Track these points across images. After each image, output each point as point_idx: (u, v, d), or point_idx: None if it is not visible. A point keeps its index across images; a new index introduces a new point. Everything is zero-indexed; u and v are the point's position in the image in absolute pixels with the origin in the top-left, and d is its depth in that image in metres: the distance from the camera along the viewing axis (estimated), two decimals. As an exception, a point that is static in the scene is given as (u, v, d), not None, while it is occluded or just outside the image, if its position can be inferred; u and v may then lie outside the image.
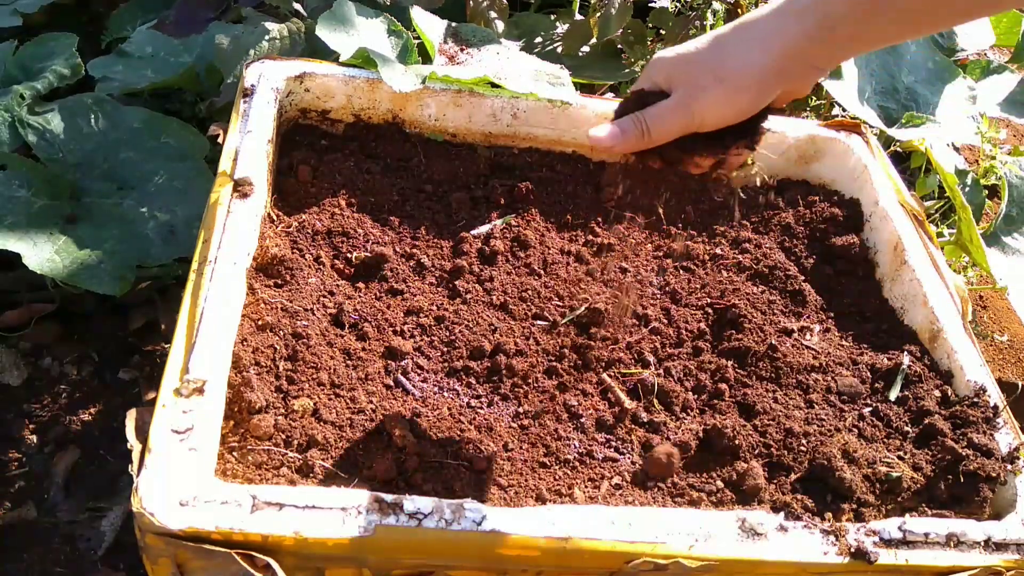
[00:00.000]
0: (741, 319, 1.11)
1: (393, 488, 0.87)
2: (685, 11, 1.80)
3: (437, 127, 1.30)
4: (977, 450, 0.97)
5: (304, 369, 0.96)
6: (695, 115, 0.81)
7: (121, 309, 1.53)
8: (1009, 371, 1.85)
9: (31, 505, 1.29)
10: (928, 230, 1.23)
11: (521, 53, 1.38)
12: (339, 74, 1.24)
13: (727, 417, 1.00)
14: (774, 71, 0.78)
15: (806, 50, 0.77)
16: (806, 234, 1.27)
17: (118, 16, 1.83)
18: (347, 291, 1.08)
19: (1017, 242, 1.63)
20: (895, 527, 0.86)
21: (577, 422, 0.99)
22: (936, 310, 1.12)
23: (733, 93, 0.79)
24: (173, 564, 0.75)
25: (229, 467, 0.85)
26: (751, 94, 0.80)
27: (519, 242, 1.18)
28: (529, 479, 0.92)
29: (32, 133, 1.43)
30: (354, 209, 1.17)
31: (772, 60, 0.78)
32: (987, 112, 1.88)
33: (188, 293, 0.93)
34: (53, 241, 1.30)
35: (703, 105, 0.80)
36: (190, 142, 1.49)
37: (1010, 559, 0.87)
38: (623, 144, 0.84)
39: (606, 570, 0.82)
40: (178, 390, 0.82)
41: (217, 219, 1.00)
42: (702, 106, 0.80)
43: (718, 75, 0.79)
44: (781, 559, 0.83)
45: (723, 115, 0.81)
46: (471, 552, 0.79)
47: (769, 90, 0.80)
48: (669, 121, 0.82)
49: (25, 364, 1.45)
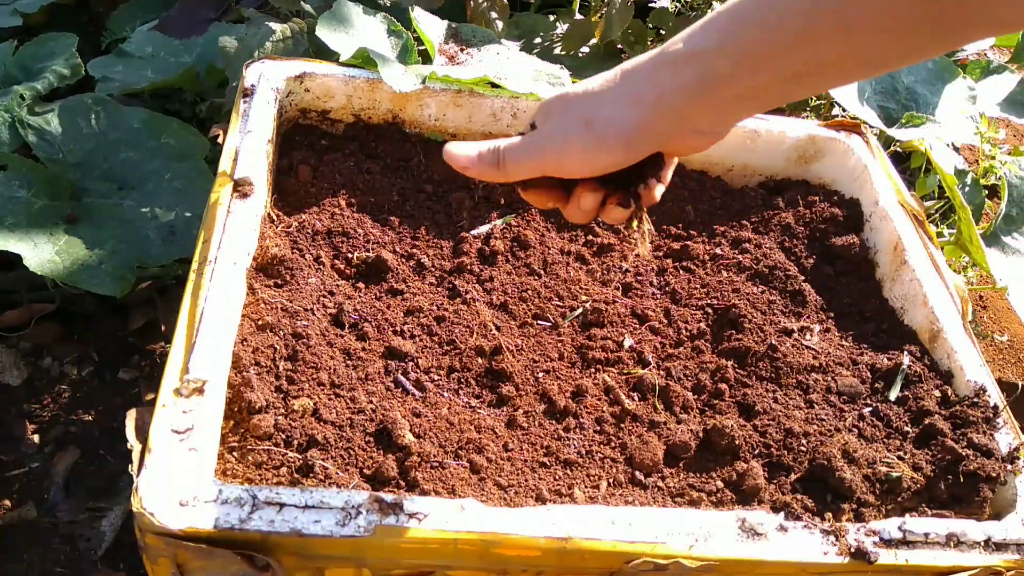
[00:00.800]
0: (741, 319, 1.11)
1: (393, 488, 0.87)
2: (685, 11, 1.80)
3: (437, 127, 1.30)
4: (977, 450, 0.97)
5: (304, 369, 0.96)
6: (549, 158, 0.74)
7: (121, 309, 1.53)
8: (1009, 371, 1.85)
9: (31, 505, 1.29)
10: (928, 230, 1.23)
11: (521, 53, 1.38)
12: (339, 74, 1.24)
13: (727, 417, 1.00)
14: (645, 128, 0.70)
15: (682, 108, 0.69)
16: (806, 234, 1.27)
17: (118, 16, 1.83)
18: (347, 291, 1.08)
19: (1017, 242, 1.63)
20: (895, 527, 0.86)
21: (577, 422, 0.99)
22: (936, 310, 1.12)
23: (597, 144, 0.72)
24: (173, 564, 0.75)
25: (229, 467, 0.85)
26: (615, 150, 0.72)
27: (519, 242, 1.18)
28: (529, 479, 0.92)
29: (32, 133, 1.43)
30: (354, 209, 1.17)
31: (643, 115, 0.70)
32: (987, 112, 1.88)
33: (188, 293, 0.93)
34: (53, 242, 1.30)
35: (561, 150, 0.73)
36: (190, 142, 1.49)
37: (1010, 559, 0.87)
38: (477, 170, 0.78)
39: (606, 570, 0.82)
40: (178, 390, 0.82)
41: (217, 219, 1.00)
42: (559, 150, 0.73)
43: (588, 122, 0.72)
44: (781, 559, 0.83)
45: (585, 166, 0.74)
46: (471, 552, 0.79)
47: (638, 148, 0.72)
48: (523, 159, 0.75)
49: (25, 364, 1.45)
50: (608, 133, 0.71)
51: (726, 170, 1.37)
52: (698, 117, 0.70)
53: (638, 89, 0.70)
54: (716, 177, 1.37)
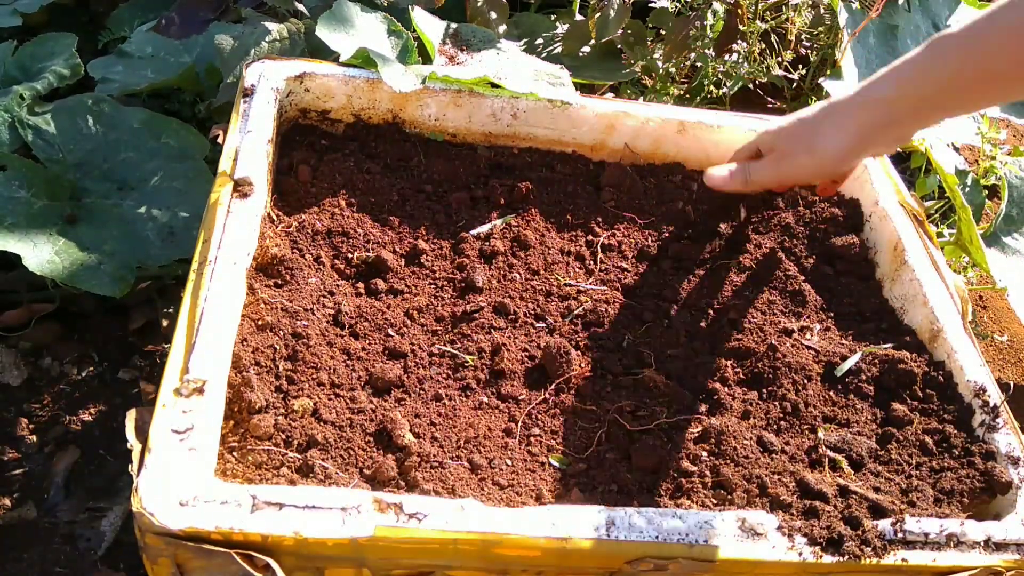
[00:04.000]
0: (741, 319, 1.11)
1: (393, 488, 0.87)
2: (685, 11, 1.80)
3: (437, 127, 1.30)
4: (977, 450, 0.97)
5: (304, 369, 0.96)
6: (784, 177, 1.13)
7: (121, 309, 1.53)
8: (1009, 371, 1.85)
9: (31, 505, 1.29)
10: (928, 230, 1.23)
11: (521, 53, 1.38)
12: (339, 74, 1.24)
13: (727, 416, 1.00)
14: (851, 151, 1.02)
15: (875, 137, 1.00)
16: (806, 234, 1.27)
17: (118, 16, 1.83)
18: (347, 291, 1.08)
19: (1017, 242, 1.63)
20: (895, 527, 0.86)
21: (578, 421, 0.99)
22: (936, 310, 1.12)
23: (817, 164, 1.05)
24: (173, 564, 0.75)
25: (229, 467, 0.85)
26: (828, 170, 1.08)
27: (519, 242, 1.18)
28: (529, 479, 0.92)
29: (32, 133, 1.43)
30: (354, 209, 1.17)
31: (849, 143, 1.01)
32: (987, 112, 1.88)
33: (188, 293, 0.93)
34: (53, 242, 1.30)
35: (792, 170, 1.09)
36: (190, 142, 1.49)
37: (1010, 559, 0.87)
38: (730, 185, 1.15)
39: (606, 570, 0.82)
40: (178, 390, 0.82)
41: (217, 219, 1.00)
42: (792, 170, 1.10)
43: (808, 148, 1.05)
44: (781, 559, 0.83)
45: (809, 179, 1.21)
46: (471, 552, 0.79)
47: (847, 164, 1.08)
48: (766, 177, 1.13)
49: (25, 364, 1.45)
50: (825, 157, 1.03)
51: (726, 170, 1.37)
52: (882, 142, 1.02)
53: (843, 124, 1.01)
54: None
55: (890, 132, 0.99)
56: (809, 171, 1.09)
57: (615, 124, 1.31)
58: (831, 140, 1.01)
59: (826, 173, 1.12)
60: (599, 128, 1.32)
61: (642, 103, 1.35)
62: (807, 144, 1.04)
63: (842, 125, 1.00)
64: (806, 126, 1.05)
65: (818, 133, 1.03)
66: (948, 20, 1.95)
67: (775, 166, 1.09)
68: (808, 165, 1.06)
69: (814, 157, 1.04)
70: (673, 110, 1.33)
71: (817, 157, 1.03)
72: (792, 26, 1.85)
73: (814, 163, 1.05)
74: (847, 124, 1.00)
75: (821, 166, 1.05)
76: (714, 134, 1.33)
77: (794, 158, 1.07)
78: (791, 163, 1.07)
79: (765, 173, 1.11)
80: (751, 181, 1.12)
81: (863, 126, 0.99)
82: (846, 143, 1.00)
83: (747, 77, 1.85)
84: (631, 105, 1.32)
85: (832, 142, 1.01)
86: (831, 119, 1.02)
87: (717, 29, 1.77)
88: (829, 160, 1.03)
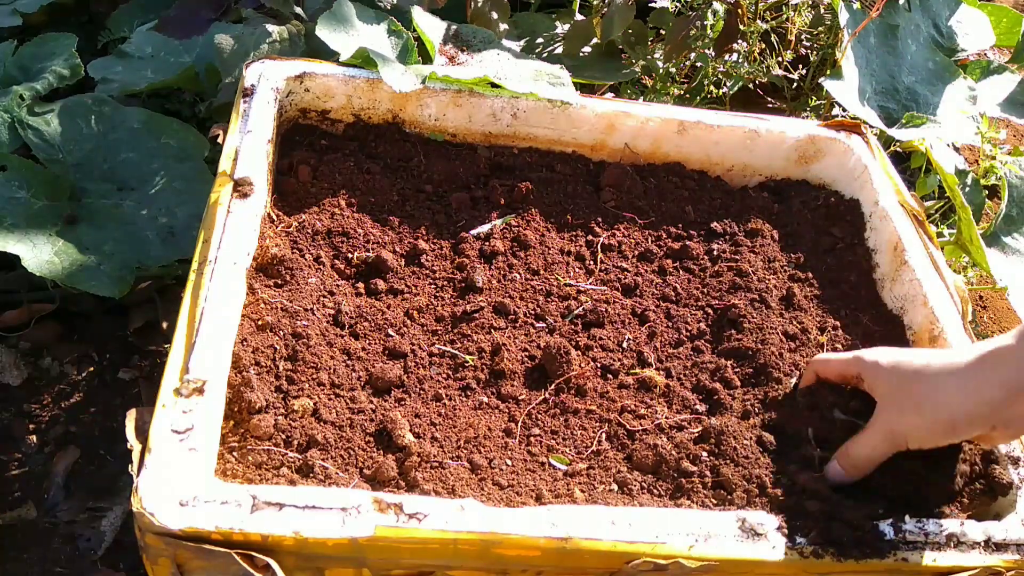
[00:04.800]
0: (741, 319, 1.11)
1: (393, 488, 0.87)
2: (685, 11, 1.80)
3: (437, 127, 1.30)
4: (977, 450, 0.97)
5: (304, 369, 0.96)
6: (891, 448, 0.89)
7: (121, 309, 1.53)
8: (1009, 371, 1.85)
9: (31, 505, 1.29)
10: (928, 230, 1.23)
11: (521, 53, 1.38)
12: (339, 74, 1.24)
13: (727, 417, 1.00)
14: (965, 420, 0.84)
15: (997, 411, 0.83)
16: (806, 234, 1.27)
17: (118, 16, 1.82)
18: (347, 291, 1.08)
19: (1017, 242, 1.63)
20: (895, 527, 0.86)
21: (578, 421, 0.99)
22: (936, 310, 1.12)
23: (930, 427, 0.86)
24: (173, 564, 0.75)
25: (229, 467, 0.85)
26: (942, 432, 0.86)
27: (519, 242, 1.18)
28: (529, 479, 0.92)
29: (32, 134, 1.43)
30: (354, 209, 1.17)
31: (964, 411, 0.84)
32: (987, 112, 1.88)
33: (188, 293, 0.93)
34: (53, 243, 1.30)
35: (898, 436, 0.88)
36: (190, 142, 1.49)
37: (1010, 559, 0.87)
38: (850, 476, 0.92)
39: (606, 570, 0.82)
40: (178, 390, 0.82)
41: (217, 219, 1.00)
42: (903, 432, 0.88)
43: (919, 406, 0.86)
44: (781, 559, 0.83)
45: (921, 443, 0.88)
46: (471, 552, 0.79)
47: (961, 432, 0.86)
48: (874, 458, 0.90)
49: (25, 364, 1.45)
50: (938, 419, 0.85)
51: (726, 170, 1.37)
52: (1008, 418, 0.83)
53: (961, 386, 0.84)
54: (716, 177, 1.37)
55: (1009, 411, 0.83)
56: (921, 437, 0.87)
57: (615, 124, 1.31)
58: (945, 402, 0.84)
59: (937, 442, 0.88)
60: (599, 128, 1.32)
61: (642, 103, 1.35)
62: (919, 401, 0.86)
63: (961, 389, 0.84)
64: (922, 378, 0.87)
65: (932, 389, 0.85)
66: (948, 20, 1.95)
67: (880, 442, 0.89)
68: (921, 429, 0.87)
69: (924, 419, 0.86)
70: (673, 110, 1.33)
71: (927, 420, 0.86)
72: (792, 26, 1.85)
73: (926, 428, 0.86)
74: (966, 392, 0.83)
75: (931, 433, 0.87)
76: (714, 134, 1.33)
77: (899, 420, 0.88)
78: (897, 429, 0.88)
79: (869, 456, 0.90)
80: (858, 468, 0.91)
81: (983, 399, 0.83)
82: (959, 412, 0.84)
83: (747, 77, 1.85)
84: (631, 105, 1.32)
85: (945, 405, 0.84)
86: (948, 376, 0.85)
87: (717, 29, 1.77)
88: (941, 426, 0.85)
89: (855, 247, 1.26)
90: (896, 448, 0.88)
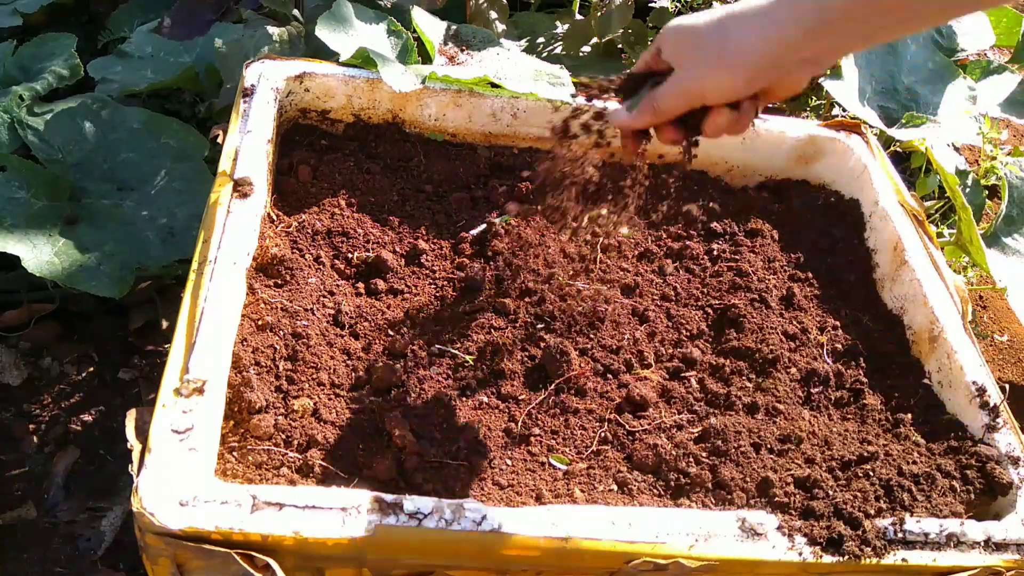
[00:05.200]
0: (741, 319, 1.11)
1: (393, 488, 0.87)
2: (685, 10, 1.80)
3: (437, 127, 1.30)
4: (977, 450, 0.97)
5: (304, 369, 0.96)
6: (694, 95, 0.86)
7: (121, 309, 1.53)
8: (1009, 371, 1.85)
9: (31, 505, 1.29)
10: (928, 230, 1.23)
11: (521, 53, 1.38)
12: (339, 74, 1.24)
13: (727, 417, 1.00)
14: (768, 58, 0.81)
15: (800, 42, 0.79)
16: (806, 235, 1.27)
17: (118, 16, 1.82)
18: (347, 291, 1.08)
19: (1017, 243, 1.63)
20: (895, 527, 0.86)
21: (578, 421, 0.99)
22: (936, 310, 1.12)
23: (729, 72, 0.83)
24: (173, 564, 0.75)
25: (229, 467, 0.85)
26: (742, 76, 0.82)
27: (519, 242, 1.18)
28: (529, 479, 0.92)
29: (31, 134, 1.43)
30: (354, 209, 1.17)
31: (767, 47, 0.80)
32: (987, 112, 1.88)
33: (188, 293, 0.93)
34: (52, 243, 1.30)
35: (708, 84, 0.85)
36: (190, 142, 1.49)
37: (1010, 559, 0.87)
38: (639, 122, 0.91)
39: (606, 570, 0.82)
40: (178, 390, 0.82)
41: (217, 219, 1.00)
42: (706, 85, 0.85)
43: (720, 55, 0.82)
44: (781, 559, 0.83)
45: (722, 94, 0.85)
46: (471, 552, 0.79)
47: (761, 76, 0.83)
48: (673, 101, 0.88)
49: (25, 364, 1.45)
50: (736, 62, 0.82)
51: (726, 170, 1.37)
52: (812, 51, 0.80)
53: (763, 24, 0.80)
54: (716, 177, 1.37)
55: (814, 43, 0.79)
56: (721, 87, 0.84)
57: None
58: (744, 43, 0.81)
59: (736, 88, 0.84)
60: (599, 128, 1.31)
61: (642, 103, 1.34)
62: (718, 50, 0.83)
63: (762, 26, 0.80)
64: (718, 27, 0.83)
65: (730, 36, 0.82)
66: (948, 20, 1.95)
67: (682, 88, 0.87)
68: (720, 79, 0.84)
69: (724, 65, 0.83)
70: (673, 110, 1.33)
71: (727, 64, 0.82)
72: (792, 26, 1.85)
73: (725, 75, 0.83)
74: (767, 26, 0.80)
75: (731, 78, 0.83)
76: (714, 134, 1.33)
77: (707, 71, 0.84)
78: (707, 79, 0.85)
79: (671, 99, 0.88)
80: (659, 111, 0.89)
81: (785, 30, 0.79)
82: (761, 49, 0.80)
83: (747, 77, 1.85)
84: (631, 105, 1.32)
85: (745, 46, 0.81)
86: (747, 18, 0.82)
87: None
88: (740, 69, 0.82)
89: (855, 247, 1.26)
90: (692, 103, 0.87)
